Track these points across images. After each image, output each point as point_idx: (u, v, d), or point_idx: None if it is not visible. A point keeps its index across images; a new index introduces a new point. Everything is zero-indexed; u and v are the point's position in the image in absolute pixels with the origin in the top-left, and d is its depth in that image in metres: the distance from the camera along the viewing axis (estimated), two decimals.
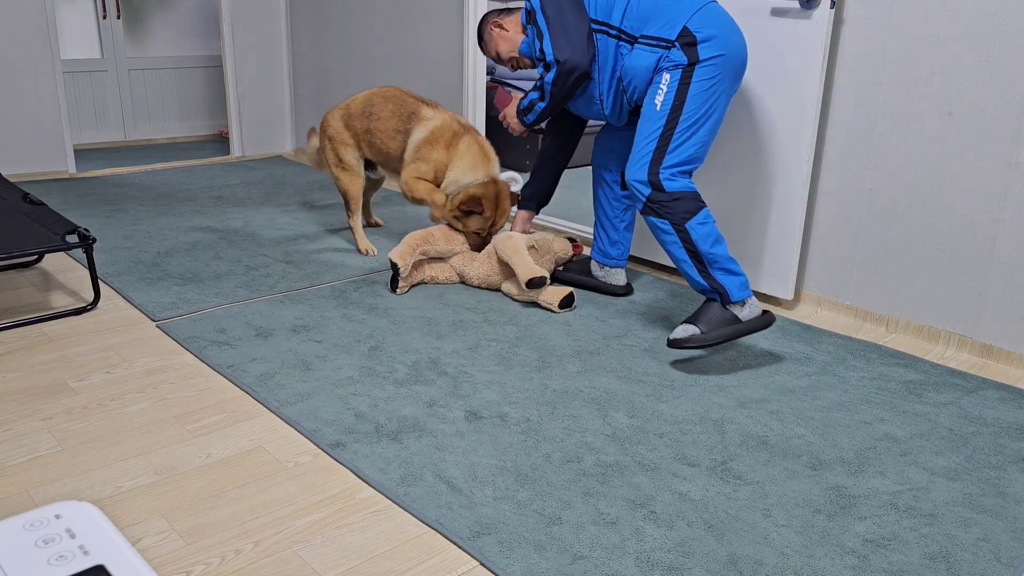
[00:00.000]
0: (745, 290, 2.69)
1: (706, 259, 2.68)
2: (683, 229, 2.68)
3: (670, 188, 2.69)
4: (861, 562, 1.78)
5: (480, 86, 4.53)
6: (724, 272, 2.68)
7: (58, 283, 3.32)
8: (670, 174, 2.70)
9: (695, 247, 2.67)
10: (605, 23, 2.84)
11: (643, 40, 2.77)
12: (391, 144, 3.54)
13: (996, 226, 2.74)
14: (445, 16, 4.55)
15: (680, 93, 2.70)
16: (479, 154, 3.37)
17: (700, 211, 2.68)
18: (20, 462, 2.08)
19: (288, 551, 1.78)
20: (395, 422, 2.30)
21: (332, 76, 5.50)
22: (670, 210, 2.68)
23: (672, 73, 2.71)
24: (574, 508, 1.93)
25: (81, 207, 4.42)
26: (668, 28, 2.73)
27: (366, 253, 3.75)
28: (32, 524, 0.84)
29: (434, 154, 3.39)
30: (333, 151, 3.70)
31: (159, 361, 2.66)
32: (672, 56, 2.72)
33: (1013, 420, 2.42)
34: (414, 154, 3.44)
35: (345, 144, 3.67)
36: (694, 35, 2.69)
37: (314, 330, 2.90)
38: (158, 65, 6.28)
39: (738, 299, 2.68)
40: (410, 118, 3.49)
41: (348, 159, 3.68)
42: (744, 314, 2.69)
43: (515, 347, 2.81)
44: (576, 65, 2.84)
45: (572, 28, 2.84)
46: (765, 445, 2.24)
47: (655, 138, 2.72)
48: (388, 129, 3.52)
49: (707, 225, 2.68)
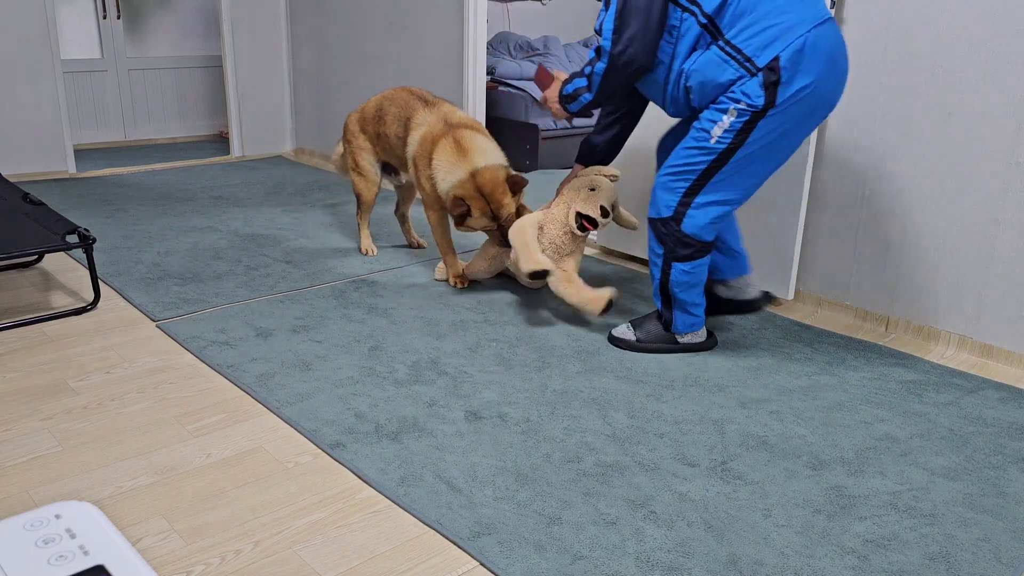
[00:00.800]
0: (692, 329, 2.75)
1: (672, 296, 2.71)
2: (668, 264, 2.64)
3: (686, 229, 2.57)
4: (861, 562, 1.78)
5: (480, 86, 4.53)
6: (682, 311, 2.72)
7: (58, 283, 3.32)
8: (702, 215, 2.54)
9: (667, 283, 2.68)
10: (695, 3, 2.41)
11: (725, 46, 2.39)
12: (400, 151, 3.45)
13: (996, 226, 2.74)
14: (445, 16, 4.55)
15: (740, 137, 2.42)
16: (452, 152, 3.15)
17: (695, 260, 2.61)
18: (20, 462, 2.08)
19: (288, 551, 1.78)
20: (395, 422, 2.30)
21: (332, 76, 5.50)
22: (670, 244, 2.61)
23: (740, 113, 2.40)
24: (574, 508, 1.93)
25: (81, 207, 4.42)
26: (759, 47, 2.34)
27: (366, 253, 3.73)
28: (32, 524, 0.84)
29: (424, 171, 3.26)
30: (351, 155, 3.66)
31: (159, 361, 2.66)
32: (748, 89, 2.37)
33: (1013, 420, 2.42)
34: (415, 173, 3.33)
35: (361, 148, 3.62)
36: (779, 71, 2.33)
37: (314, 330, 2.90)
38: (158, 65, 6.28)
39: (680, 332, 2.76)
40: (406, 124, 3.39)
41: (364, 164, 3.63)
42: (683, 339, 2.78)
43: (515, 347, 2.81)
44: (633, 60, 2.45)
45: (646, 9, 2.41)
46: (765, 445, 2.24)
47: (697, 170, 2.50)
48: (392, 135, 3.45)
49: (691, 275, 2.64)
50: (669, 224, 2.59)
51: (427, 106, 3.38)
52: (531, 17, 7.38)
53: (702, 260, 2.62)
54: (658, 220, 2.61)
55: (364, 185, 3.67)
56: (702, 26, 2.41)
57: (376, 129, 3.53)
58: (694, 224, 2.56)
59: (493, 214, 3.14)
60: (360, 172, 3.65)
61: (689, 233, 2.57)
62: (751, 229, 3.28)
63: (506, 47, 6.79)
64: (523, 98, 6.11)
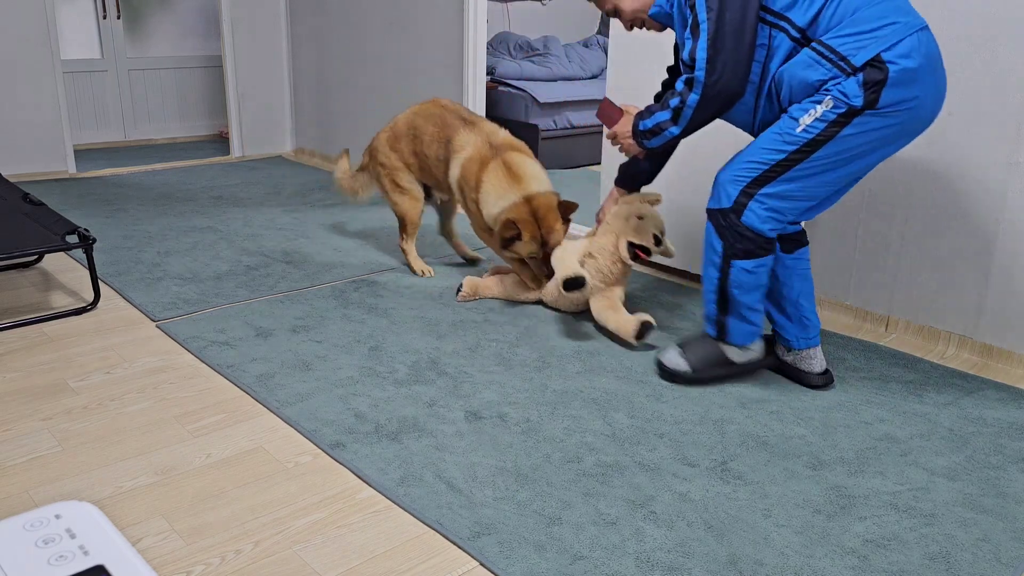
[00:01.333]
0: (750, 339, 2.53)
1: (729, 298, 2.46)
2: (728, 262, 2.41)
3: (747, 222, 2.34)
4: (861, 562, 1.78)
5: (480, 86, 4.53)
6: (738, 318, 2.48)
7: (58, 283, 3.32)
8: (761, 207, 2.32)
9: (726, 283, 2.43)
10: (785, 18, 2.25)
11: (818, 46, 2.21)
12: (438, 171, 3.31)
13: (996, 226, 2.74)
14: (445, 16, 4.56)
15: (831, 130, 2.21)
16: (503, 177, 3.05)
17: (756, 258, 2.38)
18: (20, 462, 2.08)
19: (288, 551, 1.78)
20: (395, 422, 2.30)
21: (332, 76, 5.50)
22: (729, 239, 2.38)
23: (836, 104, 2.19)
24: (574, 508, 1.93)
25: (81, 207, 4.42)
26: (857, 46, 2.16)
27: (423, 274, 3.49)
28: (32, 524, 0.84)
29: (471, 195, 3.13)
30: (388, 177, 3.46)
31: (159, 361, 2.66)
32: (846, 87, 2.17)
33: (1013, 420, 2.42)
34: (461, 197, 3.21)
35: (396, 168, 3.43)
36: (887, 70, 2.14)
37: (314, 330, 2.90)
38: (158, 65, 6.28)
39: (737, 343, 2.53)
40: (447, 146, 3.23)
41: (404, 183, 3.43)
42: (739, 357, 2.56)
43: (515, 347, 2.81)
44: (728, 87, 2.26)
45: (737, 32, 2.22)
46: (765, 445, 2.24)
47: (772, 161, 2.29)
48: (432, 156, 3.29)
49: (753, 275, 2.40)
50: (728, 216, 2.36)
51: (467, 126, 3.23)
52: (531, 17, 7.38)
53: (764, 259, 2.39)
54: (717, 211, 2.39)
55: (409, 203, 3.46)
56: (794, 40, 2.25)
57: (412, 147, 3.37)
58: (754, 216, 2.34)
59: (543, 240, 3.02)
60: (402, 191, 3.45)
61: (748, 225, 2.35)
62: None
63: (506, 47, 6.79)
64: (523, 98, 6.11)
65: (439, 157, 3.26)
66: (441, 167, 3.27)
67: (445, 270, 3.58)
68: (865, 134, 2.21)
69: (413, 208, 3.47)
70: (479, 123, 3.25)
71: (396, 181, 3.45)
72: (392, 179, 3.45)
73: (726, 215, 2.37)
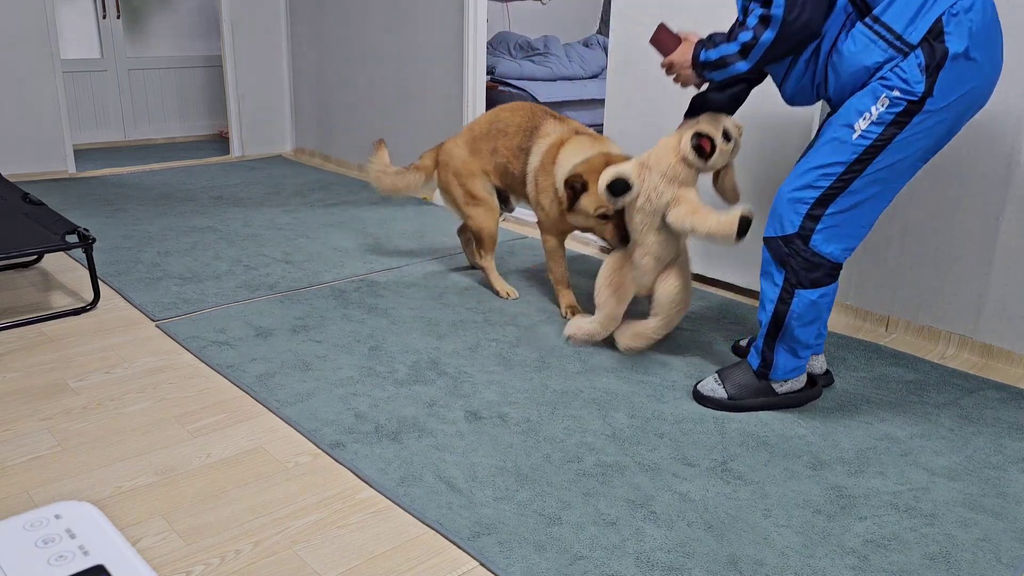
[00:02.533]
0: (792, 375, 2.40)
1: (785, 332, 2.31)
2: (791, 292, 2.25)
3: (816, 246, 2.19)
4: (861, 562, 1.78)
5: (480, 86, 4.53)
6: (789, 353, 2.35)
7: (58, 283, 3.32)
8: (831, 229, 2.17)
9: (786, 316, 2.28)
10: None
11: (873, 23, 2.06)
12: (515, 164, 3.11)
13: (996, 226, 2.74)
14: (445, 16, 4.55)
15: (890, 131, 2.07)
16: (580, 145, 2.88)
17: (824, 286, 2.24)
18: (20, 462, 2.08)
19: (288, 551, 1.78)
20: (395, 422, 2.30)
21: (332, 76, 5.50)
22: (795, 268, 2.23)
23: (893, 102, 2.05)
24: (574, 508, 1.93)
25: (81, 207, 4.42)
26: (910, 19, 2.01)
27: (507, 297, 3.26)
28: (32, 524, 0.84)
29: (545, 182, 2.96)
30: (461, 186, 3.23)
31: (159, 361, 2.66)
32: (904, 70, 2.03)
33: (1013, 420, 2.42)
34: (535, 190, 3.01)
35: (472, 175, 3.21)
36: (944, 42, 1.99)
37: (314, 330, 2.90)
38: (158, 65, 6.28)
39: (779, 379, 2.41)
40: (532, 134, 3.06)
41: (479, 192, 3.21)
42: (781, 388, 2.42)
43: (515, 347, 2.81)
44: (807, 25, 2.09)
45: None
46: (765, 445, 2.24)
47: (832, 175, 2.14)
48: (514, 147, 3.11)
49: (817, 306, 2.26)
50: (794, 243, 2.20)
51: (556, 119, 3.09)
52: (531, 17, 7.38)
53: (831, 287, 2.25)
54: (779, 239, 2.23)
55: (485, 215, 3.22)
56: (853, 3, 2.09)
57: (493, 145, 3.16)
58: (825, 241, 2.18)
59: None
60: (476, 202, 3.22)
61: (820, 252, 2.19)
62: (751, 229, 3.28)
63: (506, 47, 6.80)
64: (523, 98, 6.10)
65: (521, 147, 3.08)
66: (521, 158, 3.08)
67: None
68: (930, 128, 2.07)
69: (489, 219, 3.24)
70: (570, 120, 3.11)
71: (470, 190, 3.22)
72: (466, 188, 3.23)
73: (790, 242, 2.21)
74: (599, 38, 7.15)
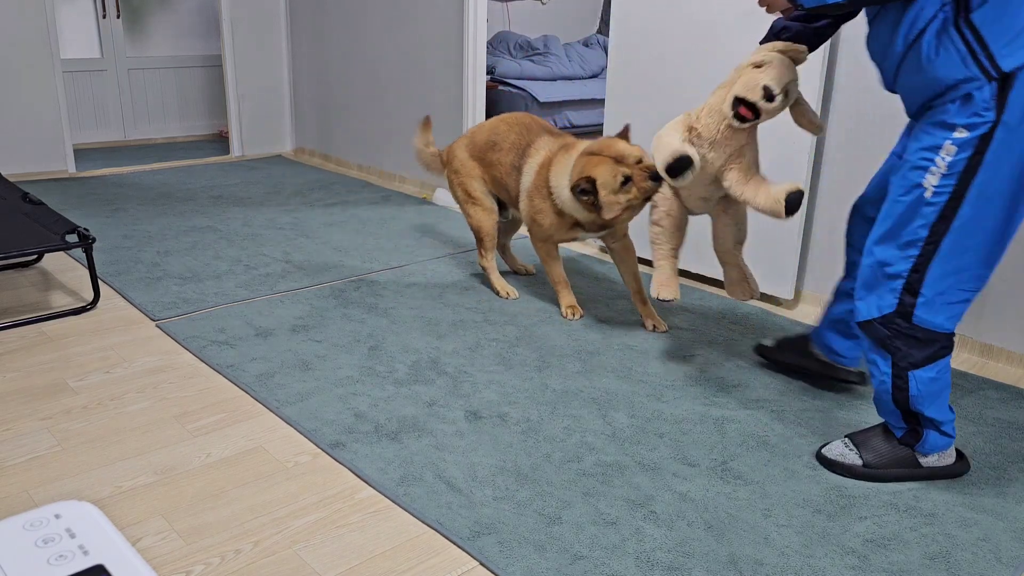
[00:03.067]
0: (942, 450, 2.09)
1: (919, 414, 2.03)
2: (904, 377, 1.98)
3: (922, 322, 1.92)
4: (861, 562, 1.78)
5: (480, 86, 4.53)
6: (935, 430, 2.05)
7: (58, 283, 3.32)
8: (935, 297, 1.89)
9: (908, 400, 2.00)
10: None
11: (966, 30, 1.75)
12: (509, 181, 3.15)
13: None
14: (445, 16, 4.55)
15: (965, 179, 1.80)
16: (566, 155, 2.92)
17: (939, 359, 1.95)
18: (20, 462, 2.08)
19: (288, 551, 1.78)
20: (395, 422, 2.30)
21: (332, 76, 5.50)
22: (902, 349, 1.96)
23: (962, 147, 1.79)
24: (574, 508, 1.93)
25: (81, 207, 4.42)
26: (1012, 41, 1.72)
27: (507, 296, 3.28)
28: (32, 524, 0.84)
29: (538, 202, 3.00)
30: (460, 185, 3.30)
31: (159, 361, 2.66)
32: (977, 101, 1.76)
33: (1013, 420, 2.42)
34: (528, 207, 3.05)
35: (471, 176, 3.27)
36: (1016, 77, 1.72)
37: (314, 330, 2.90)
38: (158, 65, 6.28)
39: (929, 452, 2.09)
40: (524, 152, 3.09)
41: (477, 193, 3.27)
42: (928, 461, 2.10)
43: (515, 347, 2.81)
44: None
45: None
46: (765, 445, 2.24)
47: (919, 241, 1.87)
48: (506, 164, 3.15)
49: (937, 381, 1.97)
50: (894, 323, 1.94)
51: (550, 135, 3.11)
52: (531, 17, 7.38)
53: (947, 358, 1.96)
54: (876, 322, 1.97)
55: (482, 215, 3.27)
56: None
57: (488, 157, 3.21)
58: (928, 312, 1.91)
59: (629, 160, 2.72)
60: (474, 201, 3.29)
61: (927, 326, 1.92)
62: (752, 229, 3.28)
63: (506, 47, 6.80)
64: (523, 97, 6.10)
65: (514, 164, 3.12)
66: (515, 176, 3.12)
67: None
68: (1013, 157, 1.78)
69: (487, 219, 3.28)
70: (564, 135, 3.10)
71: (468, 190, 3.29)
72: (464, 188, 3.29)
73: (890, 323, 1.94)
74: (599, 38, 7.15)
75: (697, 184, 2.42)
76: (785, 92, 2.22)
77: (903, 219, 1.89)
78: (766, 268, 3.27)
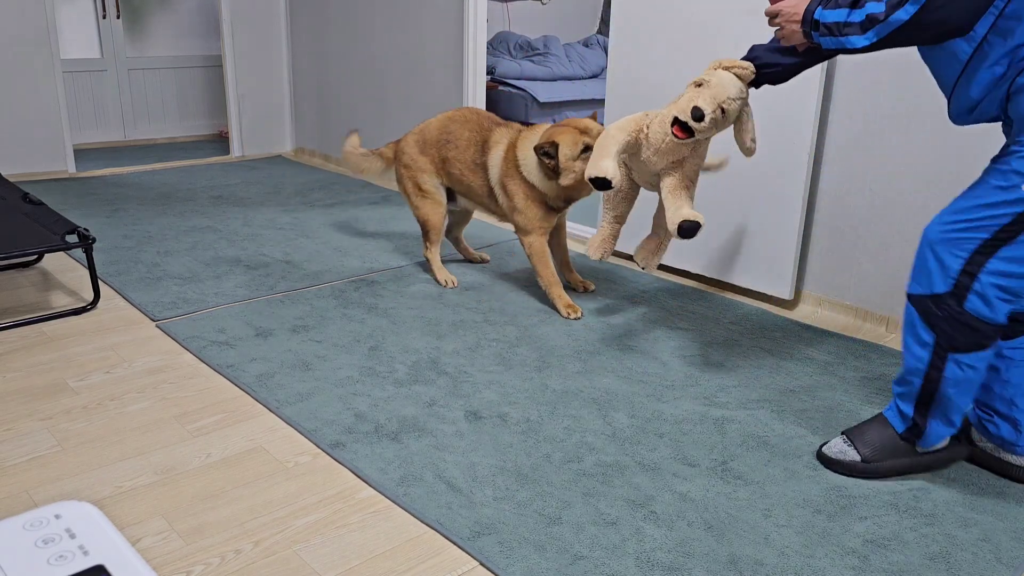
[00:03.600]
0: (939, 442, 2.10)
1: (938, 401, 1.99)
2: (943, 357, 1.93)
3: (972, 309, 1.87)
4: (861, 562, 1.78)
5: (480, 86, 4.53)
6: (942, 420, 2.03)
7: (58, 283, 3.32)
8: (991, 287, 1.84)
9: (938, 384, 1.96)
10: None
11: None
12: (472, 178, 3.25)
13: None
14: (445, 16, 4.55)
15: None
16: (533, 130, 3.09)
17: (984, 349, 1.91)
18: (20, 462, 2.08)
19: (288, 551, 1.78)
20: (395, 422, 2.30)
21: (332, 75, 5.50)
22: (947, 330, 1.91)
23: None
24: (574, 508, 1.93)
25: (81, 207, 4.42)
26: None
27: (446, 285, 3.38)
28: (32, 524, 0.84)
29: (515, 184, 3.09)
30: (411, 179, 3.39)
31: (159, 361, 2.66)
32: None
33: None
34: (506, 199, 3.15)
35: (422, 171, 3.35)
36: None
37: (314, 330, 2.90)
38: (158, 65, 6.28)
39: (927, 447, 2.11)
40: (483, 147, 3.20)
41: (427, 186, 3.36)
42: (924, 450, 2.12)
43: (515, 347, 2.81)
44: (951, 18, 1.77)
45: None
46: (765, 445, 2.24)
47: (995, 226, 1.82)
48: (466, 160, 3.24)
49: (973, 371, 1.93)
50: (946, 303, 1.88)
51: (502, 125, 3.26)
52: (531, 17, 7.38)
53: (990, 351, 1.92)
54: (928, 298, 1.91)
55: (431, 207, 3.38)
56: None
57: (443, 154, 3.30)
58: (980, 301, 1.86)
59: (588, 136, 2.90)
60: (423, 195, 3.37)
61: (976, 314, 1.87)
62: (752, 229, 3.28)
63: (506, 47, 6.80)
64: (523, 97, 6.11)
65: (475, 161, 3.21)
66: (479, 173, 3.21)
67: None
68: None
69: (435, 213, 3.38)
70: (514, 124, 3.26)
71: (419, 184, 3.37)
72: (415, 182, 3.38)
73: (942, 302, 1.89)
74: (599, 38, 7.15)
75: (643, 172, 2.62)
76: (722, 110, 2.28)
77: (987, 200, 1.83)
78: (765, 268, 3.27)
